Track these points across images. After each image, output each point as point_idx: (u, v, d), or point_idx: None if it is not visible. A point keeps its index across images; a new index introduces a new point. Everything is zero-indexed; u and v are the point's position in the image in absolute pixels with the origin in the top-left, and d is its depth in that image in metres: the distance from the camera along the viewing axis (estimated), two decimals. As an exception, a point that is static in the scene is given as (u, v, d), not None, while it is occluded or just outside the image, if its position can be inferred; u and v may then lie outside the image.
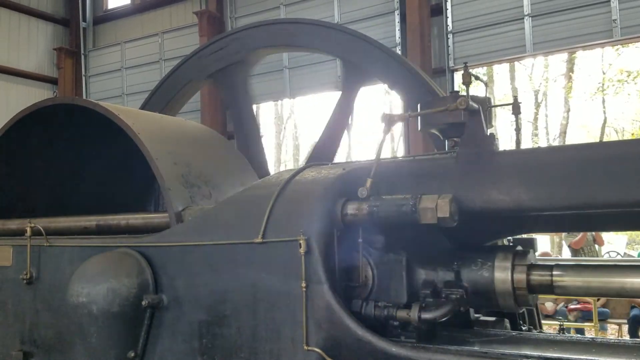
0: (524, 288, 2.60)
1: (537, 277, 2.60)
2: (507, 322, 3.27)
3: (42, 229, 3.66)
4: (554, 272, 2.58)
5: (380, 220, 2.59)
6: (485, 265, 2.66)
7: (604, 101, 26.63)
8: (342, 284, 2.70)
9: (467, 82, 2.77)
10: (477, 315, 3.21)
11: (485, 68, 22.54)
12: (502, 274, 2.62)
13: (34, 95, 17.26)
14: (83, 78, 19.04)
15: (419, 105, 3.83)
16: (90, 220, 3.84)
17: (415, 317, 2.50)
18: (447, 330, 2.84)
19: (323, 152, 5.25)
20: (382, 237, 2.72)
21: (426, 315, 2.51)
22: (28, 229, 3.67)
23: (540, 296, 3.20)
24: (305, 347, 2.58)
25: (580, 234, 11.69)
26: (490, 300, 2.68)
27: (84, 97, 17.52)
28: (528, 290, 2.61)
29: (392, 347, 2.43)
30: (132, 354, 3.10)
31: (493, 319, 3.23)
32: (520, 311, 3.47)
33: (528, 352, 2.38)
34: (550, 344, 2.82)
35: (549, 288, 2.60)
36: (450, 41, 13.20)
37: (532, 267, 2.64)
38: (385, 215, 2.56)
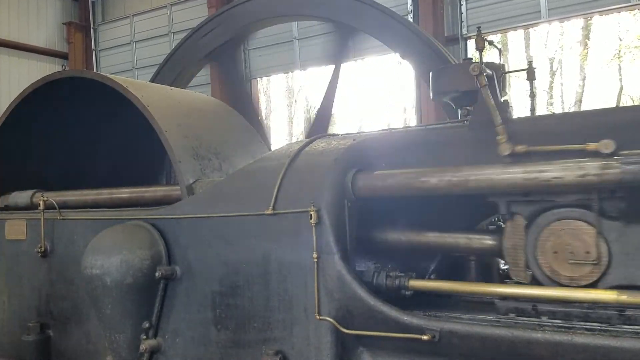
0: None
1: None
2: None
3: (55, 203, 3.69)
4: None
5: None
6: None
7: (620, 68, 26.08)
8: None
9: (480, 48, 2.70)
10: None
11: (499, 35, 22.09)
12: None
13: (44, 70, 17.22)
14: (93, 52, 19.01)
15: (430, 74, 3.77)
16: (103, 194, 3.86)
17: None
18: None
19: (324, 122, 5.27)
20: None
21: None
22: (41, 203, 3.70)
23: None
24: (317, 317, 2.59)
25: None
26: None
27: (95, 71, 17.48)
28: None
29: (404, 316, 2.44)
30: (147, 325, 3.14)
31: None
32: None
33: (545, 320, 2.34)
34: None
35: None
36: (463, 8, 12.93)
37: None
38: None
